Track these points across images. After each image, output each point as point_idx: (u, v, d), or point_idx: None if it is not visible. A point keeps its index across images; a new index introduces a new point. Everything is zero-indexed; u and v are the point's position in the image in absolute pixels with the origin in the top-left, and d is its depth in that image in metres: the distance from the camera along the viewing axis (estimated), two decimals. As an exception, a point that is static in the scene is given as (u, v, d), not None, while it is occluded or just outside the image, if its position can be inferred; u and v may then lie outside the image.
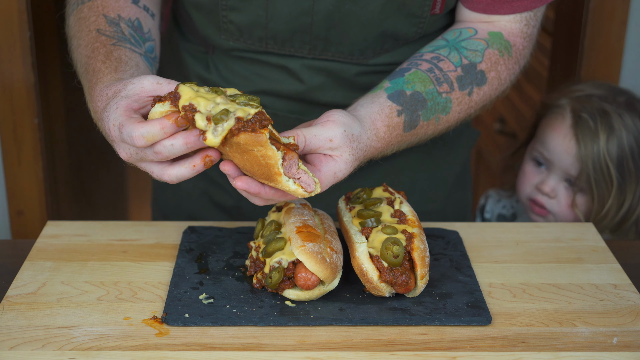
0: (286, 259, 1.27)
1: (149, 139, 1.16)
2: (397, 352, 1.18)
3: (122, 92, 1.23)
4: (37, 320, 1.24)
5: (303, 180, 1.20)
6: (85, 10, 1.47)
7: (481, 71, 1.44)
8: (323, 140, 1.26)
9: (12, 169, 2.12)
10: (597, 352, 1.19)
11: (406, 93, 1.39)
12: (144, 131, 1.16)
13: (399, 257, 1.25)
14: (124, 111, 1.20)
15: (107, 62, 1.35)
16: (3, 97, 2.04)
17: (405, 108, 1.38)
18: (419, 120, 1.40)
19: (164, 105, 1.18)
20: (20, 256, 1.43)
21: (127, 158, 1.23)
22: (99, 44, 1.40)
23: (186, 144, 1.17)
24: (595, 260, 1.43)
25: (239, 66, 1.59)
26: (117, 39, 1.41)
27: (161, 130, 1.16)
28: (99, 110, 1.27)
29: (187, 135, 1.17)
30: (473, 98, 1.45)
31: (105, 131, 1.25)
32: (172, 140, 1.17)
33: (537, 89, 2.90)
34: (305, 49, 1.51)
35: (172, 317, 1.23)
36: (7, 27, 1.99)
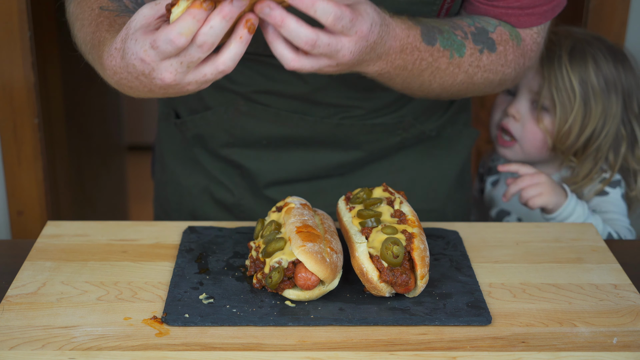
0: (286, 259, 1.27)
1: (187, 32, 1.11)
2: (397, 352, 1.18)
3: (129, 32, 1.18)
4: (37, 320, 1.24)
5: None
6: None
7: (492, 39, 1.43)
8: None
9: (12, 169, 2.12)
10: (597, 352, 1.19)
11: (419, 19, 1.38)
12: (179, 28, 1.10)
13: (399, 257, 1.25)
14: (145, 35, 1.15)
15: (111, 30, 1.30)
16: (3, 97, 2.04)
17: (419, 24, 1.35)
18: (437, 40, 1.36)
19: (179, 6, 1.13)
20: (20, 256, 1.43)
21: (173, 77, 1.16)
22: (103, 18, 1.35)
23: (224, 17, 1.11)
24: (595, 260, 1.43)
25: (242, 65, 1.59)
26: (121, 11, 1.37)
27: (194, 19, 1.10)
28: (117, 64, 1.22)
29: (220, 9, 1.10)
30: (483, 58, 1.42)
31: (137, 70, 1.18)
32: (209, 24, 1.11)
33: (537, 89, 2.89)
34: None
35: (172, 317, 1.24)
36: (7, 27, 1.99)
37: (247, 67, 1.58)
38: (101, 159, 3.34)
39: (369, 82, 1.55)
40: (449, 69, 1.40)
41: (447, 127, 1.73)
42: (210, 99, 1.66)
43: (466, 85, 1.45)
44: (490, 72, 1.45)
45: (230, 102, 1.64)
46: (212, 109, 1.66)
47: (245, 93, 1.61)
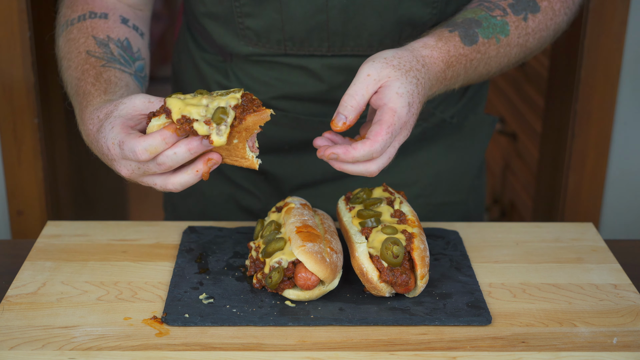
0: (286, 259, 1.27)
1: (152, 151, 1.18)
2: (397, 352, 1.18)
3: (114, 113, 1.25)
4: (37, 320, 1.24)
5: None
6: (75, 31, 1.48)
7: (533, 0, 1.42)
8: (362, 80, 1.24)
9: (12, 169, 2.11)
10: (597, 352, 1.19)
11: (456, 20, 1.37)
12: (146, 144, 1.18)
13: (398, 257, 1.25)
14: (122, 129, 1.22)
15: (96, 84, 1.36)
16: (3, 97, 2.04)
17: (456, 28, 1.35)
18: (478, 36, 1.36)
19: (160, 119, 1.21)
20: (20, 256, 1.43)
21: (128, 175, 1.24)
22: (89, 65, 1.41)
23: (189, 150, 1.19)
24: (595, 260, 1.43)
25: (258, 72, 1.59)
26: (107, 59, 1.42)
27: (162, 141, 1.18)
28: (92, 133, 1.29)
29: (188, 142, 1.18)
30: (529, 24, 1.41)
31: (102, 151, 1.26)
32: (174, 149, 1.19)
33: (537, 89, 2.90)
34: (323, 46, 1.51)
35: (172, 317, 1.23)
36: (7, 27, 1.99)
37: (262, 72, 1.58)
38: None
39: None
40: (500, 51, 1.40)
41: (468, 116, 1.72)
42: None
43: (523, 54, 1.45)
44: (542, 30, 1.44)
45: None
46: None
47: (263, 100, 1.61)
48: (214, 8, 1.53)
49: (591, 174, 2.22)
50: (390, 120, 1.22)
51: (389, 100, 1.23)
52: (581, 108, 2.14)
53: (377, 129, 1.22)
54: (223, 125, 1.17)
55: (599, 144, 2.18)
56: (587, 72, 2.11)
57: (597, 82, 2.11)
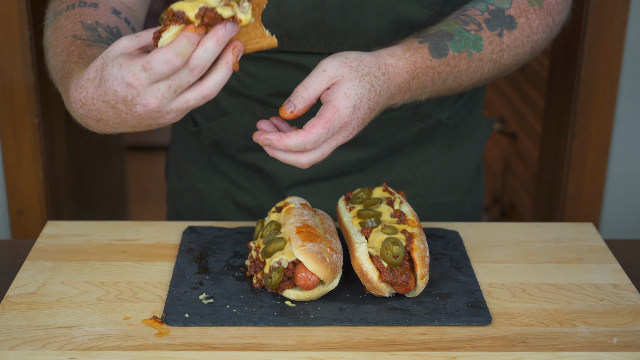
0: (286, 259, 1.27)
1: (184, 53, 1.10)
2: (397, 352, 1.18)
3: (107, 60, 1.15)
4: (37, 320, 1.24)
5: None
6: (62, 19, 1.43)
7: (509, 16, 1.41)
8: (317, 74, 1.24)
9: (12, 169, 2.11)
10: (597, 352, 1.19)
11: (428, 32, 1.37)
12: (176, 49, 1.10)
13: (398, 257, 1.25)
14: (130, 59, 1.13)
15: (79, 61, 1.29)
16: (3, 97, 2.04)
17: (427, 39, 1.35)
18: (448, 49, 1.35)
19: (170, 30, 1.13)
20: (20, 256, 1.43)
21: (157, 102, 1.14)
22: (74, 47, 1.34)
23: (217, 41, 1.11)
24: (595, 260, 1.43)
25: (254, 68, 1.59)
26: (93, 40, 1.36)
27: (189, 42, 1.10)
28: (90, 94, 1.20)
29: (214, 33, 1.11)
30: (504, 40, 1.41)
31: (117, 99, 1.16)
32: (203, 47, 1.11)
33: (537, 89, 2.90)
34: (320, 44, 1.51)
35: (172, 317, 1.24)
36: (7, 27, 1.99)
37: (257, 68, 1.58)
38: (101, 159, 3.34)
39: None
40: (472, 66, 1.40)
41: (465, 118, 1.72)
42: (226, 105, 1.66)
43: (497, 70, 1.44)
44: (517, 47, 1.44)
45: (246, 107, 1.64)
46: (229, 114, 1.66)
47: (260, 97, 1.61)
48: None
49: (591, 174, 2.22)
50: (330, 116, 1.23)
51: (334, 98, 1.24)
52: (581, 108, 2.14)
53: (315, 122, 1.23)
54: (245, 2, 1.13)
55: (599, 144, 2.18)
56: (587, 72, 2.11)
57: (597, 82, 2.11)
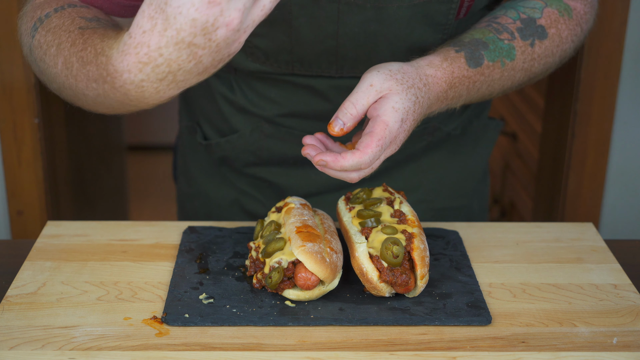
0: (286, 259, 1.27)
1: None
2: (397, 352, 1.18)
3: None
4: (37, 320, 1.24)
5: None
6: (55, 20, 1.27)
7: (541, 26, 1.41)
8: (364, 89, 1.23)
9: (12, 169, 2.12)
10: (597, 352, 1.19)
11: (463, 40, 1.37)
12: None
13: (398, 257, 1.25)
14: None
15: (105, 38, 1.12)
16: (3, 97, 2.04)
17: (463, 48, 1.35)
18: (483, 59, 1.35)
19: None
20: (20, 256, 1.43)
21: (240, 15, 0.99)
22: (88, 35, 1.18)
23: None
24: (595, 260, 1.43)
25: (262, 87, 1.58)
26: (104, 26, 1.24)
27: None
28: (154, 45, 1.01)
29: None
30: (536, 50, 1.41)
31: (195, 32, 0.99)
32: None
33: (537, 89, 2.90)
34: (332, 69, 1.50)
35: (172, 317, 1.24)
36: (7, 27, 1.99)
37: (266, 87, 1.58)
38: (101, 159, 3.34)
39: None
40: (504, 75, 1.40)
41: (472, 121, 1.72)
42: (235, 122, 1.66)
43: (527, 78, 1.45)
44: (547, 57, 1.44)
45: (255, 126, 1.63)
46: (238, 132, 1.66)
47: (269, 117, 1.61)
48: None
49: (591, 174, 2.22)
50: (382, 133, 1.22)
51: (383, 113, 1.23)
52: (581, 108, 2.14)
53: (368, 140, 1.22)
54: None
55: (599, 144, 2.18)
56: (587, 72, 2.11)
57: (597, 82, 2.11)
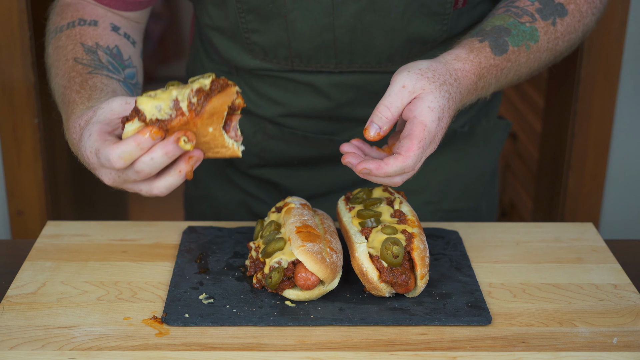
0: (286, 259, 1.27)
1: (127, 158, 1.13)
2: (397, 352, 1.18)
3: (93, 119, 1.21)
4: (37, 320, 1.24)
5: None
6: (63, 38, 1.44)
7: (560, 4, 1.41)
8: (397, 91, 1.22)
9: (12, 169, 2.11)
10: (597, 352, 1.19)
11: (485, 29, 1.36)
12: (120, 151, 1.13)
13: (398, 257, 1.25)
14: (98, 136, 1.18)
15: (81, 91, 1.32)
16: (3, 97, 2.04)
17: (486, 37, 1.34)
18: (508, 45, 1.34)
19: (133, 123, 1.15)
20: (20, 256, 1.43)
21: (111, 183, 1.20)
22: (75, 73, 1.36)
23: (166, 154, 1.14)
24: (595, 260, 1.43)
25: (264, 88, 1.58)
26: (94, 67, 1.38)
27: (137, 147, 1.13)
28: (75, 142, 1.25)
29: (164, 145, 1.13)
30: (558, 29, 1.40)
31: (85, 160, 1.23)
32: (151, 155, 1.14)
33: (537, 89, 2.90)
34: (331, 63, 1.50)
35: (172, 317, 1.23)
36: (7, 27, 1.99)
37: (268, 88, 1.58)
38: (101, 159, 3.33)
39: None
40: (530, 57, 1.39)
41: (481, 120, 1.72)
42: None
43: (552, 57, 1.44)
44: (570, 33, 1.43)
45: (258, 127, 1.63)
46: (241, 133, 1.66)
47: (271, 117, 1.61)
48: (220, 22, 1.52)
49: (591, 174, 2.22)
50: (421, 135, 1.21)
51: (419, 114, 1.22)
52: (581, 108, 2.14)
53: (409, 144, 1.21)
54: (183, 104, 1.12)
55: (599, 144, 2.18)
56: (587, 72, 2.11)
57: (597, 82, 2.11)
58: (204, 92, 1.14)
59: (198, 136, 1.15)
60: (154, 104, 1.14)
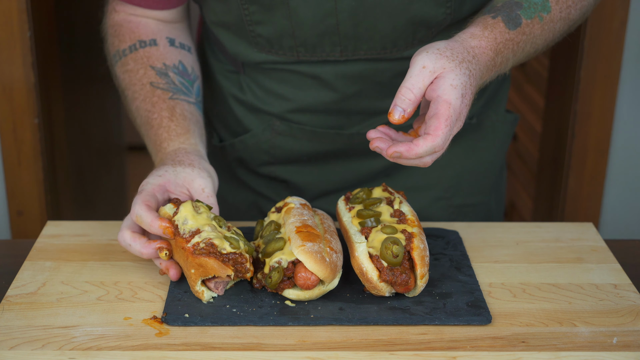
0: (286, 259, 1.27)
1: (125, 245, 1.33)
2: (397, 352, 1.18)
3: (144, 186, 1.35)
4: (37, 320, 1.24)
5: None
6: (131, 63, 1.53)
7: None
8: (418, 72, 1.22)
9: (12, 169, 2.11)
10: (597, 352, 1.19)
11: (496, 7, 1.36)
12: (121, 239, 1.33)
13: (398, 256, 1.25)
14: (143, 204, 1.31)
15: (173, 118, 1.48)
16: (3, 97, 2.04)
17: (498, 12, 1.34)
18: (521, 18, 1.34)
19: (169, 208, 1.32)
20: (20, 256, 1.43)
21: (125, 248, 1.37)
22: (157, 98, 1.49)
23: (141, 253, 1.32)
24: (595, 260, 1.43)
25: (271, 84, 1.59)
26: (172, 91, 1.50)
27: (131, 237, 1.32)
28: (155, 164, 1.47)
29: (146, 246, 1.31)
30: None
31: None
32: (134, 245, 1.31)
33: (537, 89, 2.90)
34: (336, 51, 1.50)
35: (172, 317, 1.23)
36: (7, 27, 1.99)
37: (275, 84, 1.58)
38: (101, 159, 3.34)
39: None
40: (545, 28, 1.39)
41: (489, 113, 1.72)
42: (248, 122, 1.67)
43: (567, 27, 1.44)
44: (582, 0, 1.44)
45: (266, 124, 1.64)
46: (250, 131, 1.66)
47: (278, 113, 1.62)
48: (225, 17, 1.53)
49: (591, 174, 2.22)
50: (447, 113, 1.20)
51: (443, 93, 1.21)
52: (581, 108, 2.14)
53: (436, 123, 1.20)
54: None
55: (599, 144, 2.18)
56: (587, 72, 2.11)
57: (597, 82, 2.11)
58: (215, 251, 1.26)
59: (182, 256, 1.29)
60: (186, 218, 1.29)
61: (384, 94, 1.56)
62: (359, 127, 1.61)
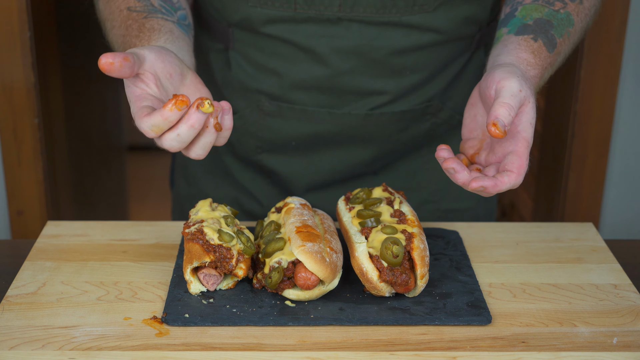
0: (286, 259, 1.27)
1: (157, 130, 1.14)
2: (397, 352, 1.18)
3: (144, 63, 1.18)
4: (37, 320, 1.24)
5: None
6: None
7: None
8: (516, 95, 1.20)
9: (12, 169, 2.12)
10: (597, 352, 1.19)
11: (528, 24, 1.36)
12: (150, 123, 1.14)
13: (398, 256, 1.25)
14: (135, 102, 1.18)
15: (140, 35, 1.35)
16: (3, 97, 2.04)
17: (537, 34, 1.35)
18: (555, 39, 1.36)
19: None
20: (20, 256, 1.43)
21: (148, 134, 1.18)
22: (131, 21, 1.39)
23: (192, 126, 1.14)
24: (595, 260, 1.43)
25: (262, 58, 1.57)
26: (148, 11, 1.40)
27: (164, 120, 1.13)
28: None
29: (187, 118, 1.14)
30: (585, 5, 1.42)
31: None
32: (177, 131, 1.14)
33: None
34: (335, 5, 1.49)
35: (172, 317, 1.24)
36: (7, 27, 1.99)
37: (267, 58, 1.56)
38: (101, 159, 3.34)
39: (398, 63, 1.51)
40: (570, 42, 1.40)
41: None
42: (235, 103, 1.65)
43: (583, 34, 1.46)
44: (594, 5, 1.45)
45: (254, 104, 1.63)
46: (238, 112, 1.66)
47: (269, 91, 1.60)
48: None
49: (591, 174, 2.22)
50: (526, 152, 1.22)
51: (523, 129, 1.22)
52: (581, 108, 2.14)
53: (519, 161, 1.21)
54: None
55: (599, 144, 2.18)
56: (587, 72, 2.11)
57: (597, 82, 2.12)
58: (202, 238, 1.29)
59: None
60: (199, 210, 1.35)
61: (377, 72, 1.55)
62: (351, 107, 1.59)
